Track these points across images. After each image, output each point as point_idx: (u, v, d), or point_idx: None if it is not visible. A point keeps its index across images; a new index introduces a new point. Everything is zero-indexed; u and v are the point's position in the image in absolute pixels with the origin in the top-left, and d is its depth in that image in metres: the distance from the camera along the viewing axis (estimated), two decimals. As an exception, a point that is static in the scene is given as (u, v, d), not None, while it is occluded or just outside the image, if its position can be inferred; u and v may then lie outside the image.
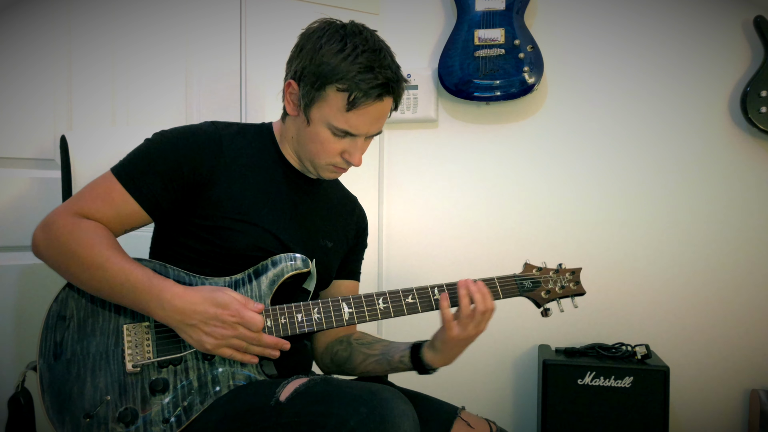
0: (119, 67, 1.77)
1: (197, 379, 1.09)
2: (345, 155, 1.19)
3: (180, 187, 1.15)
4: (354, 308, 1.17)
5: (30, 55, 1.62)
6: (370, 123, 1.17)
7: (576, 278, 1.28)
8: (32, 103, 1.63)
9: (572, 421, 1.95)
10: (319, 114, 1.16)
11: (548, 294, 1.25)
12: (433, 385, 2.26)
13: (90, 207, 1.13)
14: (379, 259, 2.34)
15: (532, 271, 1.25)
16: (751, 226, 2.09)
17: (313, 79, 1.14)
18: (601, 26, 2.17)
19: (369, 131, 1.18)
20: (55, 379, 1.06)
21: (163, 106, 1.84)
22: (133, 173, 1.14)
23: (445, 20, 2.27)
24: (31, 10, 1.62)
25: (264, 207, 1.21)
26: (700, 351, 2.12)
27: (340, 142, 1.17)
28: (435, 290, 1.19)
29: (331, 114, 1.15)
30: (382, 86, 1.13)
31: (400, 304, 1.18)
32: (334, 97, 1.14)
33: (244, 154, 1.22)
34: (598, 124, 2.19)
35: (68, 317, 1.10)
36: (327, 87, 1.13)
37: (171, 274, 1.14)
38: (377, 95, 1.13)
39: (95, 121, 1.73)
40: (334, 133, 1.16)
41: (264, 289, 1.15)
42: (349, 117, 1.14)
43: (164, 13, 1.85)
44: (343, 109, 1.14)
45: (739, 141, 2.09)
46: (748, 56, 2.06)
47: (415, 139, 2.32)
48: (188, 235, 1.18)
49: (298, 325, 1.14)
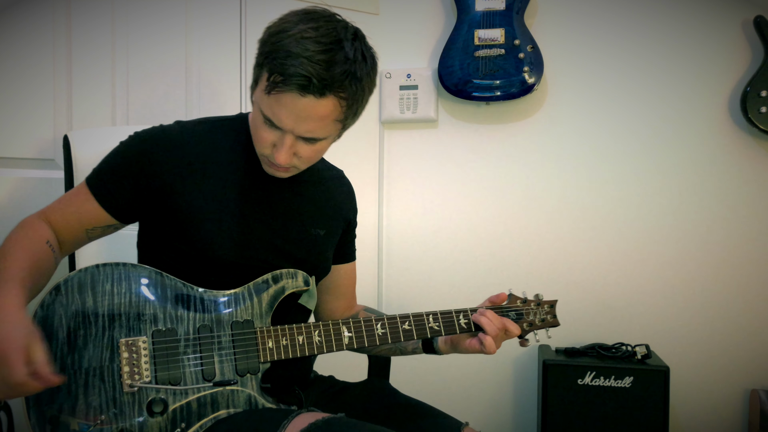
0: (119, 67, 1.77)
1: (196, 400, 1.05)
2: (274, 150, 1.10)
3: (142, 189, 1.13)
4: (354, 333, 1.17)
5: (30, 55, 1.62)
6: (293, 118, 1.05)
7: (553, 311, 1.31)
8: (32, 103, 1.63)
9: (572, 421, 1.95)
10: (255, 96, 1.11)
11: (530, 326, 1.28)
12: (434, 385, 2.27)
13: (53, 207, 1.15)
14: (379, 259, 2.34)
15: (517, 303, 1.28)
16: (751, 226, 2.09)
17: (259, 58, 1.09)
18: (601, 26, 2.18)
19: (294, 128, 1.06)
20: (42, 396, 0.97)
21: (164, 104, 1.84)
22: (97, 174, 1.15)
23: (445, 20, 2.27)
24: (31, 9, 1.62)
25: (244, 205, 1.17)
26: (700, 351, 2.12)
27: (271, 132, 1.09)
28: (430, 318, 1.21)
29: (259, 96, 1.08)
30: (302, 77, 1.00)
31: (397, 330, 1.19)
32: (263, 77, 1.06)
33: (215, 152, 1.18)
34: (597, 123, 2.19)
35: (56, 326, 1.01)
36: (264, 66, 1.06)
37: (168, 284, 1.10)
38: (297, 86, 1.01)
39: (95, 121, 1.73)
40: (263, 118, 1.09)
41: (265, 307, 1.13)
42: (270, 102, 1.05)
43: (164, 13, 1.85)
44: (265, 91, 1.05)
45: (739, 141, 2.09)
46: (748, 56, 2.06)
47: (415, 139, 2.32)
48: (168, 248, 1.15)
49: (299, 347, 1.13)
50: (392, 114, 2.29)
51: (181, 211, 1.13)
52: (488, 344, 1.18)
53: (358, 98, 1.09)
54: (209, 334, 1.09)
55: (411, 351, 1.30)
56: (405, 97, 2.27)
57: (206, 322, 1.09)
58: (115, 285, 1.06)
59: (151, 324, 1.06)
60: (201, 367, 1.07)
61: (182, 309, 1.09)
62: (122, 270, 1.08)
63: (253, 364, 1.09)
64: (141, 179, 1.13)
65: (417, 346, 1.29)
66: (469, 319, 1.22)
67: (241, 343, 1.10)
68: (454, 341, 1.24)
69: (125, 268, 1.08)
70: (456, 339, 1.24)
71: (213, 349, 1.08)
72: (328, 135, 1.11)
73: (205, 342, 1.08)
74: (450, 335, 1.24)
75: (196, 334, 1.08)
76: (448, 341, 1.25)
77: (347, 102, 1.07)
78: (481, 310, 1.21)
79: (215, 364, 1.07)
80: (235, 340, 1.10)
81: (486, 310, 1.22)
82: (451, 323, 1.21)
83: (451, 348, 1.25)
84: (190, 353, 1.07)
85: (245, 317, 1.12)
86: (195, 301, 1.10)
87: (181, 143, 1.16)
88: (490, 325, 1.18)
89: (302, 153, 1.11)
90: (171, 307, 1.08)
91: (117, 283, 1.06)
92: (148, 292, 1.08)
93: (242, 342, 1.10)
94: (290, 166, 1.13)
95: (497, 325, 1.19)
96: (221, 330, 1.10)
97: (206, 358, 1.07)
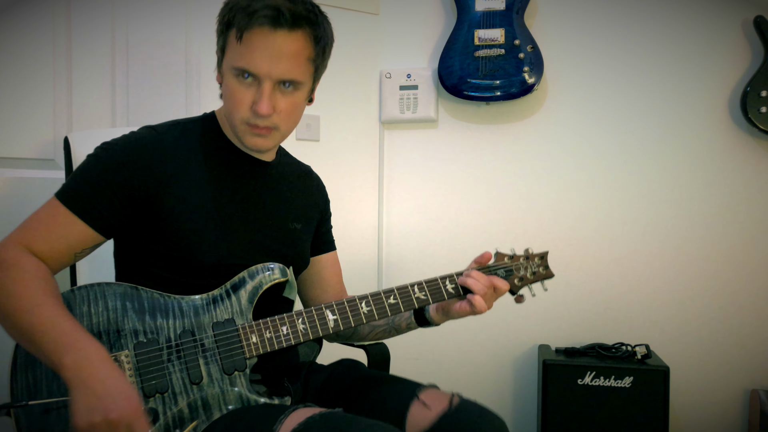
0: (119, 67, 1.77)
1: (187, 405, 1.05)
2: (254, 106, 1.10)
3: (127, 199, 1.10)
4: (338, 314, 1.15)
5: (30, 55, 1.62)
6: (267, 58, 1.06)
7: (545, 263, 1.31)
8: (32, 104, 1.63)
9: (572, 421, 1.95)
10: (226, 62, 1.12)
11: (521, 281, 1.28)
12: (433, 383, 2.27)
13: (34, 236, 1.06)
14: (379, 259, 2.34)
15: (504, 260, 1.28)
16: (751, 226, 2.09)
17: (220, 28, 1.12)
18: (601, 26, 2.18)
19: (270, 70, 1.07)
20: (33, 423, 0.98)
21: (164, 105, 1.84)
22: (77, 193, 1.08)
23: (445, 20, 2.27)
24: (31, 10, 1.62)
25: (224, 207, 1.17)
26: (700, 351, 2.12)
27: (248, 91, 1.10)
28: (415, 288, 1.20)
29: (230, 56, 1.10)
30: (272, 9, 1.04)
31: (383, 305, 1.18)
32: (231, 35, 1.09)
33: (191, 154, 1.17)
34: (597, 123, 2.19)
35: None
36: (230, 24, 1.09)
37: (144, 297, 1.09)
38: (268, 20, 1.05)
39: (95, 121, 1.73)
40: (238, 78, 1.10)
41: (244, 304, 1.12)
42: (242, 51, 1.07)
43: (164, 13, 1.85)
44: (236, 47, 1.08)
45: (739, 141, 2.09)
46: (748, 56, 2.06)
47: (415, 139, 2.32)
48: (151, 256, 1.13)
49: (284, 338, 1.12)
50: (392, 114, 2.29)
51: (163, 218, 1.12)
52: (477, 303, 1.17)
53: (326, 38, 1.13)
54: (191, 338, 1.08)
55: (406, 327, 1.30)
56: (405, 97, 2.27)
57: (187, 327, 1.08)
58: (92, 305, 1.05)
59: (132, 337, 1.05)
60: (187, 372, 1.06)
61: (161, 318, 1.08)
62: (97, 289, 1.07)
63: (239, 361, 1.09)
64: (125, 190, 1.10)
65: (411, 321, 1.28)
66: (456, 283, 1.21)
67: (225, 342, 1.09)
68: (444, 308, 1.24)
69: (99, 288, 1.07)
70: (446, 305, 1.23)
71: (197, 353, 1.07)
72: (302, 79, 1.12)
73: (188, 346, 1.07)
74: (439, 302, 1.23)
75: (178, 340, 1.07)
76: (440, 309, 1.25)
77: (316, 39, 1.10)
78: (466, 272, 1.21)
79: (201, 367, 1.07)
80: (218, 340, 1.09)
81: (472, 271, 1.21)
82: (438, 290, 1.20)
83: (444, 315, 1.24)
84: (175, 359, 1.06)
85: (225, 317, 1.11)
86: (173, 308, 1.09)
87: (159, 150, 1.14)
88: (476, 285, 1.18)
89: (281, 106, 1.11)
90: (149, 318, 1.07)
91: (93, 303, 1.06)
92: (126, 307, 1.07)
93: (225, 341, 1.09)
94: (272, 125, 1.13)
95: (484, 283, 1.19)
96: (203, 332, 1.09)
97: (191, 362, 1.06)
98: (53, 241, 1.07)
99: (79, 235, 1.08)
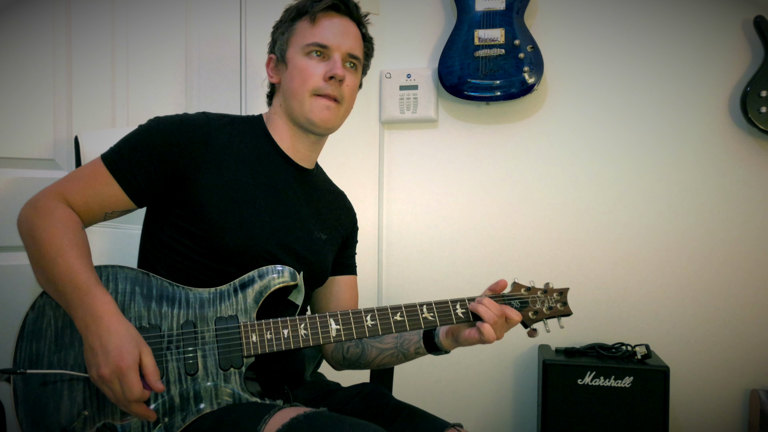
0: (119, 67, 1.77)
1: (179, 395, 1.06)
2: (328, 73, 1.22)
3: (166, 175, 1.15)
4: (342, 325, 1.14)
5: (30, 55, 1.62)
6: (337, 34, 1.23)
7: (563, 299, 1.26)
8: (32, 104, 1.63)
9: (572, 421, 1.95)
10: (292, 50, 1.25)
11: (536, 315, 1.23)
12: (434, 384, 2.27)
13: (72, 189, 1.13)
14: (379, 259, 2.34)
15: (521, 291, 1.24)
16: (751, 226, 2.09)
17: (283, 28, 1.27)
18: (601, 26, 2.18)
19: (339, 43, 1.23)
20: (30, 392, 1.02)
21: (164, 105, 1.84)
22: (119, 157, 1.15)
23: (445, 20, 2.27)
24: (31, 10, 1.62)
25: (256, 200, 1.20)
26: (700, 351, 2.12)
27: (320, 64, 1.23)
28: (424, 308, 1.18)
29: (301, 37, 1.24)
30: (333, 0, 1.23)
31: (388, 321, 1.16)
32: (300, 25, 1.25)
33: (234, 143, 1.22)
34: (597, 124, 2.19)
35: (45, 326, 1.06)
36: (294, 23, 1.25)
37: (153, 284, 1.12)
38: (332, 6, 1.23)
39: (95, 121, 1.73)
40: (310, 54, 1.23)
41: (250, 303, 1.13)
42: (315, 30, 1.23)
43: (164, 13, 1.84)
44: (308, 28, 1.23)
45: (739, 141, 2.09)
46: (748, 56, 2.06)
47: (415, 139, 2.32)
48: (176, 232, 1.17)
49: (284, 341, 1.11)
50: (392, 114, 2.29)
51: (197, 197, 1.16)
52: (486, 332, 1.14)
53: (370, 42, 1.32)
54: (192, 330, 1.09)
55: (414, 353, 1.27)
56: (405, 97, 2.27)
57: (190, 318, 1.10)
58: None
59: (136, 321, 1.08)
60: (183, 363, 1.07)
61: (166, 306, 1.10)
62: (109, 271, 1.10)
63: (236, 358, 1.09)
64: (165, 165, 1.15)
65: (420, 346, 1.25)
66: (466, 308, 1.19)
67: (225, 338, 1.10)
68: (454, 333, 1.21)
69: (113, 270, 1.11)
70: (455, 330, 1.21)
71: (196, 344, 1.08)
72: (362, 59, 1.29)
73: (188, 337, 1.09)
74: (448, 326, 1.21)
75: (180, 330, 1.09)
76: (449, 334, 1.22)
77: (364, 39, 1.30)
78: (478, 299, 1.19)
79: (198, 359, 1.08)
80: (219, 334, 1.10)
81: (484, 298, 1.19)
82: (447, 313, 1.18)
83: (453, 341, 1.22)
84: (174, 348, 1.08)
85: (230, 313, 1.12)
86: (180, 298, 1.11)
87: (205, 132, 1.19)
88: (487, 313, 1.15)
89: (347, 80, 1.24)
90: (155, 305, 1.10)
91: (104, 284, 1.07)
92: (135, 292, 1.10)
93: (225, 336, 1.10)
94: (339, 96, 1.23)
95: (495, 312, 1.16)
96: (205, 325, 1.10)
97: (189, 353, 1.08)
98: (89, 197, 1.13)
99: (113, 197, 1.14)
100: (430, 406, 1.29)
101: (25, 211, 1.10)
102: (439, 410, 1.28)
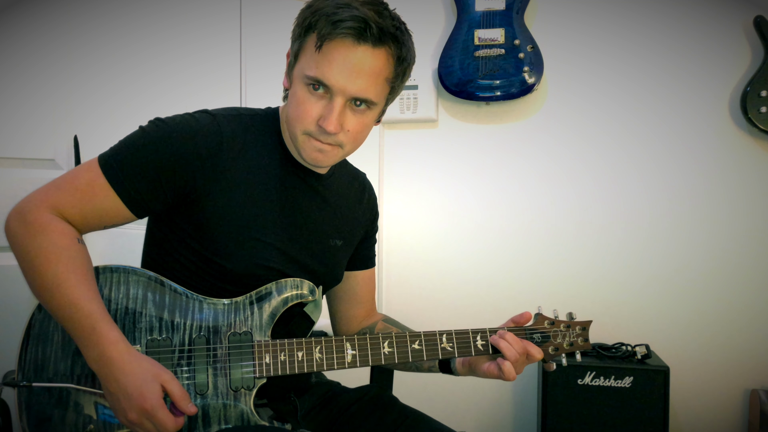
0: (119, 67, 1.77)
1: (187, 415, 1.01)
2: (320, 121, 1.04)
3: (171, 190, 1.06)
4: (358, 350, 1.09)
5: (30, 55, 1.62)
6: (346, 73, 1.00)
7: (585, 334, 1.20)
8: (32, 103, 1.63)
9: (572, 421, 1.95)
10: (298, 69, 1.05)
11: (556, 350, 1.17)
12: (434, 384, 2.27)
13: (67, 201, 1.02)
14: (379, 259, 2.34)
15: (544, 324, 1.18)
16: (751, 226, 2.09)
17: (298, 31, 1.05)
18: (601, 26, 2.18)
19: (344, 85, 1.01)
20: (35, 400, 0.99)
21: (164, 104, 1.84)
22: (120, 167, 1.03)
23: (445, 20, 2.27)
24: (31, 9, 1.62)
25: (266, 215, 1.12)
26: (700, 351, 2.12)
27: (317, 104, 1.03)
28: (443, 337, 1.13)
29: (305, 63, 1.03)
30: (359, 20, 0.98)
31: (406, 350, 1.11)
32: (309, 41, 1.02)
33: (246, 155, 1.11)
34: (597, 124, 2.19)
35: (52, 329, 1.01)
36: (310, 27, 1.02)
37: (167, 291, 1.06)
38: (353, 31, 0.98)
39: (95, 122, 1.73)
40: (309, 87, 1.03)
41: (265, 319, 1.08)
42: (320, 60, 1.00)
43: (164, 14, 1.85)
44: (314, 51, 1.01)
45: (739, 141, 2.09)
46: (748, 56, 2.06)
47: (415, 138, 2.32)
48: (182, 245, 1.10)
49: (298, 364, 1.07)
50: (392, 114, 2.29)
51: (203, 219, 1.08)
52: (507, 370, 1.08)
53: (408, 58, 1.08)
54: (204, 346, 1.05)
55: (427, 369, 1.23)
56: (405, 97, 2.27)
57: (203, 332, 1.05)
58: (113, 290, 1.04)
59: (147, 332, 1.03)
60: (194, 381, 1.03)
61: (179, 318, 1.05)
62: (122, 275, 1.05)
63: (248, 379, 1.05)
64: (172, 181, 1.05)
65: (433, 365, 1.22)
66: (486, 340, 1.13)
67: (237, 357, 1.05)
68: (471, 364, 1.17)
69: (125, 273, 1.05)
70: (474, 361, 1.16)
71: (207, 362, 1.04)
72: (377, 99, 1.07)
73: (199, 354, 1.04)
74: (466, 357, 1.16)
75: (191, 345, 1.04)
76: (466, 363, 1.18)
77: (399, 59, 1.05)
78: (501, 332, 1.13)
79: (209, 378, 1.03)
80: (231, 353, 1.05)
81: (506, 332, 1.12)
82: (467, 345, 1.13)
83: (469, 371, 1.17)
84: (184, 365, 1.03)
85: (244, 329, 1.07)
86: (193, 309, 1.06)
87: (216, 142, 1.07)
88: (509, 350, 1.09)
89: (349, 125, 1.06)
90: (167, 315, 1.05)
91: (115, 288, 1.04)
92: (147, 299, 1.05)
93: (238, 355, 1.05)
94: (336, 143, 1.07)
95: (517, 349, 1.10)
96: (218, 341, 1.05)
97: (200, 371, 1.03)
98: (87, 211, 1.03)
99: (113, 210, 1.04)
100: (430, 405, 1.30)
101: (13, 223, 1.01)
102: (439, 410, 1.29)
